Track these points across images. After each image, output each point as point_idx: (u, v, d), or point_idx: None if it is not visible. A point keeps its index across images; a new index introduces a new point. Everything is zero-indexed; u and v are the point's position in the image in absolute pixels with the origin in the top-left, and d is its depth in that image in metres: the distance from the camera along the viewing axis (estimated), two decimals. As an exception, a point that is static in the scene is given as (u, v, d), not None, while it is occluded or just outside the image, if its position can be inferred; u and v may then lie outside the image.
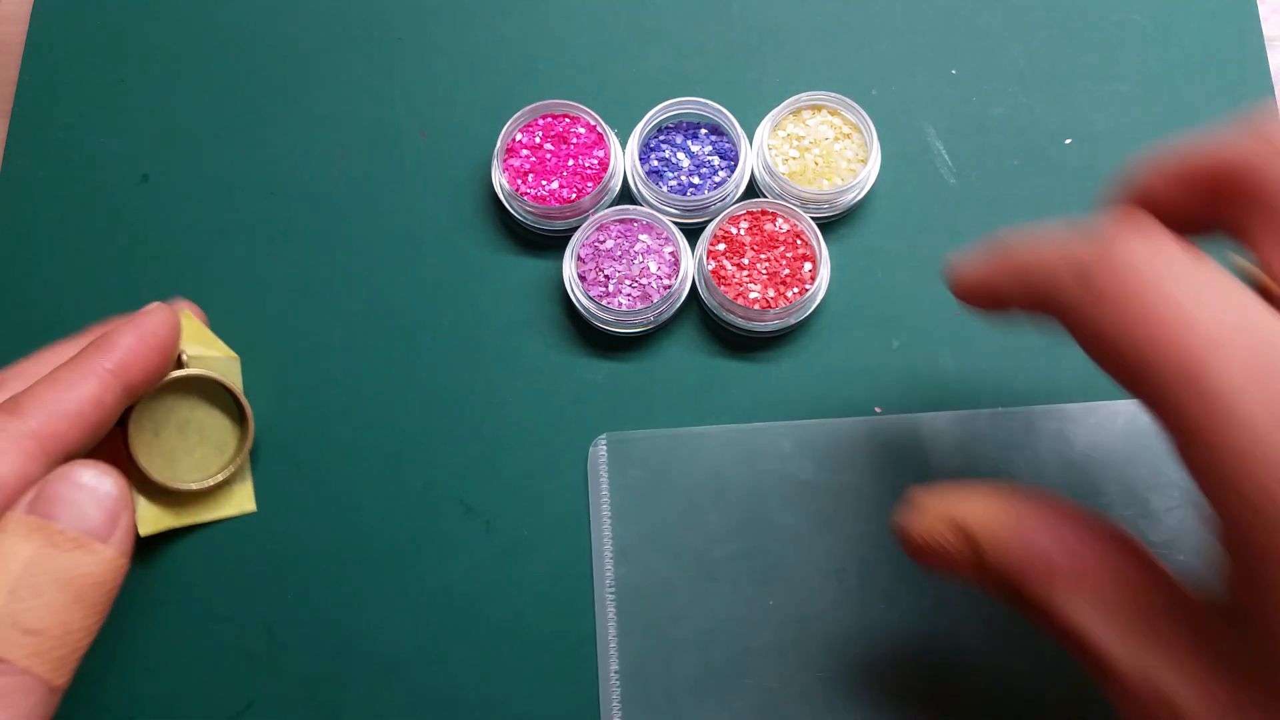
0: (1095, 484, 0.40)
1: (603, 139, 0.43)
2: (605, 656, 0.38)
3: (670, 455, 0.40)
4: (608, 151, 0.43)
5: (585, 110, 0.43)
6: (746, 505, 0.40)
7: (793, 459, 0.40)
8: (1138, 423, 0.40)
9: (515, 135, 0.44)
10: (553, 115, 0.44)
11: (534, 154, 0.44)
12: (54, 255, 0.44)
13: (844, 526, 0.39)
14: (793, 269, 0.42)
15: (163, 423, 0.39)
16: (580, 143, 0.44)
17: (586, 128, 0.44)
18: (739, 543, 0.39)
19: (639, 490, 0.40)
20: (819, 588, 0.39)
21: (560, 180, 0.43)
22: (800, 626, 0.38)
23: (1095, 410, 0.40)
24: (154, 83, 0.47)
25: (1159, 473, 0.40)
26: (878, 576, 0.39)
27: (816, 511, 0.39)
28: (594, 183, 0.43)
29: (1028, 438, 0.40)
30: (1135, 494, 0.39)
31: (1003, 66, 0.46)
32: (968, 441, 0.40)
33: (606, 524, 0.40)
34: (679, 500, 0.40)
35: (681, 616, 0.39)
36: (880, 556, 0.39)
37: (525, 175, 0.43)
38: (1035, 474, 0.40)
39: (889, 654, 0.38)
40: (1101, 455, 0.40)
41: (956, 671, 0.38)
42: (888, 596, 0.38)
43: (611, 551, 0.39)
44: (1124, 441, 0.40)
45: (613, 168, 0.43)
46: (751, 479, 0.40)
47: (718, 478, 0.40)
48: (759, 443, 0.40)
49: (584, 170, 0.43)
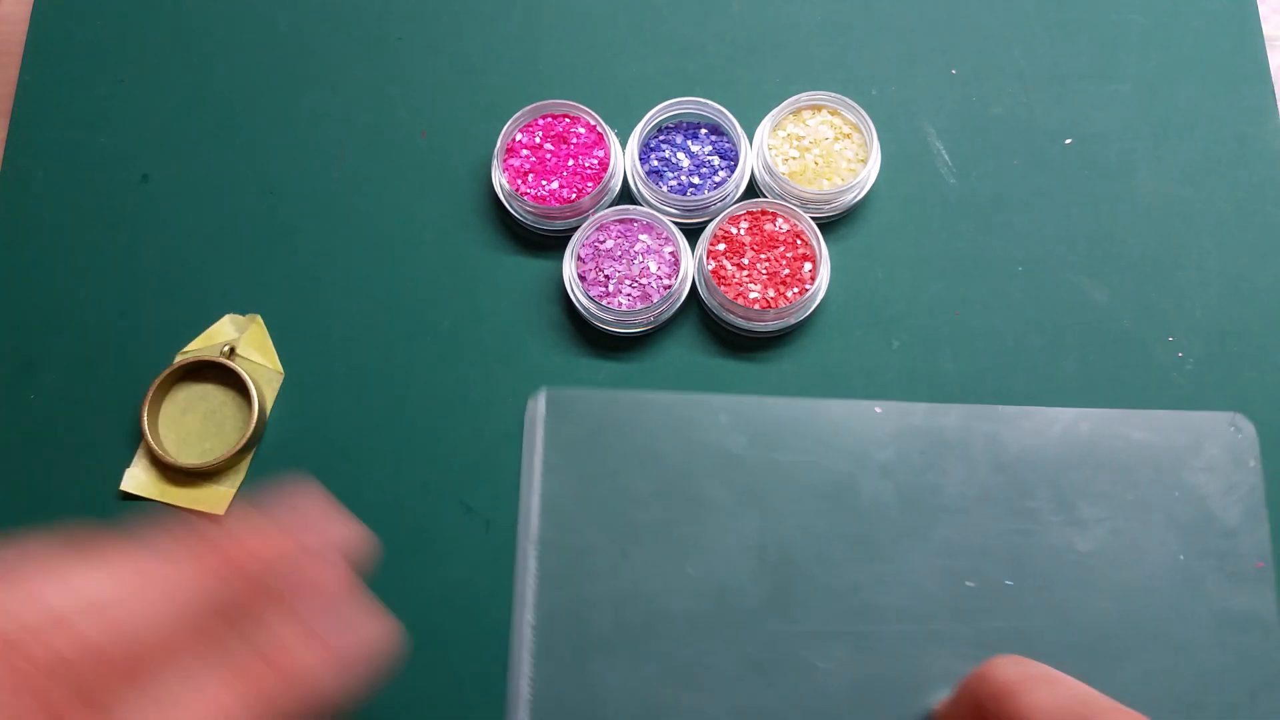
0: (1025, 488, 0.40)
1: (603, 139, 0.43)
2: (521, 607, 0.39)
3: (607, 416, 0.41)
4: (608, 151, 0.43)
5: (585, 110, 0.43)
6: (677, 474, 0.40)
7: (727, 432, 0.40)
8: (1075, 431, 0.40)
9: (515, 135, 0.44)
10: (553, 115, 0.44)
11: (534, 154, 0.44)
12: (54, 255, 0.44)
13: (770, 504, 0.40)
14: (793, 269, 0.42)
15: (194, 406, 0.42)
16: (580, 143, 0.43)
17: (586, 128, 0.44)
18: (665, 510, 0.39)
19: (573, 448, 0.40)
20: (738, 561, 0.39)
21: (560, 180, 0.43)
22: (716, 598, 0.38)
23: (1032, 415, 0.41)
24: (154, 83, 0.47)
25: (1092, 483, 0.40)
26: (798, 556, 0.39)
27: (745, 487, 0.40)
28: (594, 183, 0.43)
29: (962, 435, 0.40)
30: (1065, 501, 0.40)
31: (1003, 66, 0.46)
32: (902, 432, 0.40)
33: (537, 478, 0.40)
34: (611, 462, 0.40)
35: (600, 576, 0.39)
36: (802, 536, 0.39)
37: (525, 175, 0.43)
38: (967, 472, 0.40)
39: (802, 632, 0.38)
40: (1035, 460, 0.40)
41: (868, 653, 0.38)
42: (806, 577, 0.39)
43: (539, 506, 0.40)
44: (1059, 449, 0.40)
45: (613, 168, 0.43)
46: (685, 448, 0.40)
47: (652, 444, 0.40)
48: (696, 413, 0.41)
49: (584, 170, 0.43)
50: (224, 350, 0.42)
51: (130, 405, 0.42)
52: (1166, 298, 0.43)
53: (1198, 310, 0.43)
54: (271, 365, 0.43)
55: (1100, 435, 0.40)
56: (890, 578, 0.38)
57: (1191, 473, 0.40)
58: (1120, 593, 0.38)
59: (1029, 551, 0.39)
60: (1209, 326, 0.42)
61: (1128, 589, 0.38)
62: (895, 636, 0.38)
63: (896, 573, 0.39)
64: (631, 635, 0.38)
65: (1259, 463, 0.40)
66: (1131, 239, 0.44)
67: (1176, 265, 0.43)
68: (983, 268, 0.43)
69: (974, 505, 0.39)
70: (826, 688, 0.37)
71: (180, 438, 0.42)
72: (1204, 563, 0.39)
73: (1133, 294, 0.43)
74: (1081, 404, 0.41)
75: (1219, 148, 0.45)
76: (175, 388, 0.42)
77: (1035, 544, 0.39)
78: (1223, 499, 0.39)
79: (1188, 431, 0.40)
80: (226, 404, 0.42)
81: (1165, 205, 0.44)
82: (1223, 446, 0.40)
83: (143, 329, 0.43)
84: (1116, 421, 0.40)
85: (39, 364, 0.43)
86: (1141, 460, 0.40)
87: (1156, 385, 0.41)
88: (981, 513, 0.39)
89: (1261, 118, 0.45)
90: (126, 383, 0.42)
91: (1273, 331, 0.42)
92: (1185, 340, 0.42)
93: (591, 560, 0.39)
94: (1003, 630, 0.38)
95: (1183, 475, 0.40)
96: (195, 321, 0.43)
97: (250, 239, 0.44)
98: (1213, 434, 0.40)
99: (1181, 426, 0.40)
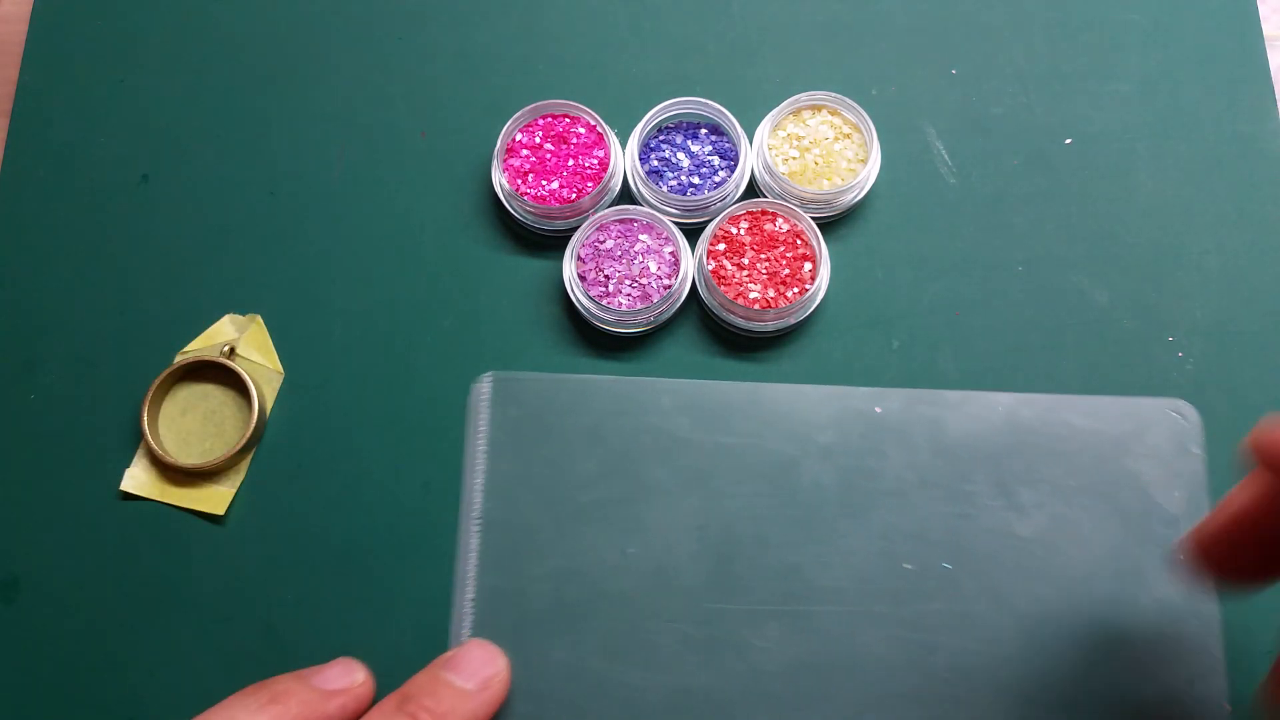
0: (964, 472, 0.40)
1: (603, 139, 0.43)
2: (463, 584, 0.39)
3: (552, 399, 0.41)
4: (608, 151, 0.43)
5: (585, 110, 0.43)
6: (620, 455, 0.40)
7: (671, 415, 0.41)
8: (1016, 416, 0.40)
9: (515, 135, 0.44)
10: (553, 115, 0.44)
11: (534, 154, 0.44)
12: (54, 255, 0.44)
13: (712, 485, 0.40)
14: (793, 269, 0.42)
15: (193, 406, 0.42)
16: (580, 143, 0.44)
17: (586, 128, 0.44)
18: (607, 490, 0.40)
19: (517, 430, 0.41)
20: (678, 542, 0.39)
21: (560, 180, 0.43)
22: (655, 577, 0.38)
23: (974, 400, 0.41)
24: (154, 83, 0.47)
25: (1033, 468, 0.40)
26: (739, 536, 0.39)
27: (687, 468, 0.40)
28: (594, 183, 0.43)
29: (903, 419, 0.40)
30: (1005, 486, 0.40)
31: (1003, 66, 0.46)
32: (842, 416, 0.41)
33: (481, 459, 0.40)
34: (555, 444, 0.40)
35: (541, 554, 0.39)
36: (743, 518, 0.39)
37: (525, 175, 0.43)
38: (907, 456, 0.40)
39: (741, 611, 0.38)
40: (975, 444, 0.40)
41: (806, 633, 0.38)
42: (746, 557, 0.39)
43: (482, 486, 0.40)
44: (1000, 434, 0.40)
45: (613, 168, 0.43)
46: (629, 430, 0.40)
47: (596, 426, 0.41)
48: (640, 396, 0.41)
49: (584, 170, 0.43)
50: (224, 350, 0.42)
51: (130, 405, 0.42)
52: (1166, 298, 0.43)
53: (1198, 310, 0.43)
54: (271, 365, 0.43)
55: (1042, 420, 0.40)
56: (829, 559, 0.39)
57: (1134, 459, 0.40)
58: (1059, 578, 0.38)
59: (968, 535, 0.39)
60: (1209, 326, 0.42)
61: (1067, 574, 0.39)
62: (833, 617, 0.38)
63: (835, 554, 0.39)
64: (571, 613, 0.38)
65: (1203, 450, 0.40)
66: (1131, 239, 0.44)
67: (1176, 265, 0.43)
68: (983, 268, 0.43)
69: (913, 489, 0.40)
70: (764, 666, 0.38)
71: (180, 438, 0.42)
72: (1145, 549, 0.39)
73: (1133, 294, 0.43)
74: (959, 391, 0.41)
75: (1219, 148, 0.45)
76: (175, 388, 0.42)
77: (974, 528, 0.39)
78: (1165, 486, 0.40)
79: (1131, 418, 0.40)
80: (226, 404, 0.42)
81: (1165, 205, 0.44)
82: (1167, 433, 0.40)
83: (143, 329, 0.43)
84: (1059, 407, 0.41)
85: (39, 364, 0.43)
86: (1083, 446, 0.40)
87: (1157, 385, 0.41)
88: (921, 496, 0.40)
89: (1261, 118, 0.45)
90: (126, 383, 0.42)
91: (1273, 331, 0.42)
92: (1185, 340, 0.42)
93: (533, 539, 0.39)
94: (940, 612, 0.38)
95: (1125, 462, 0.40)
96: (195, 321, 0.43)
97: (250, 239, 0.44)
98: (1156, 421, 0.40)
99: (1125, 413, 0.40)
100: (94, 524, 0.41)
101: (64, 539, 0.41)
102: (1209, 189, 0.44)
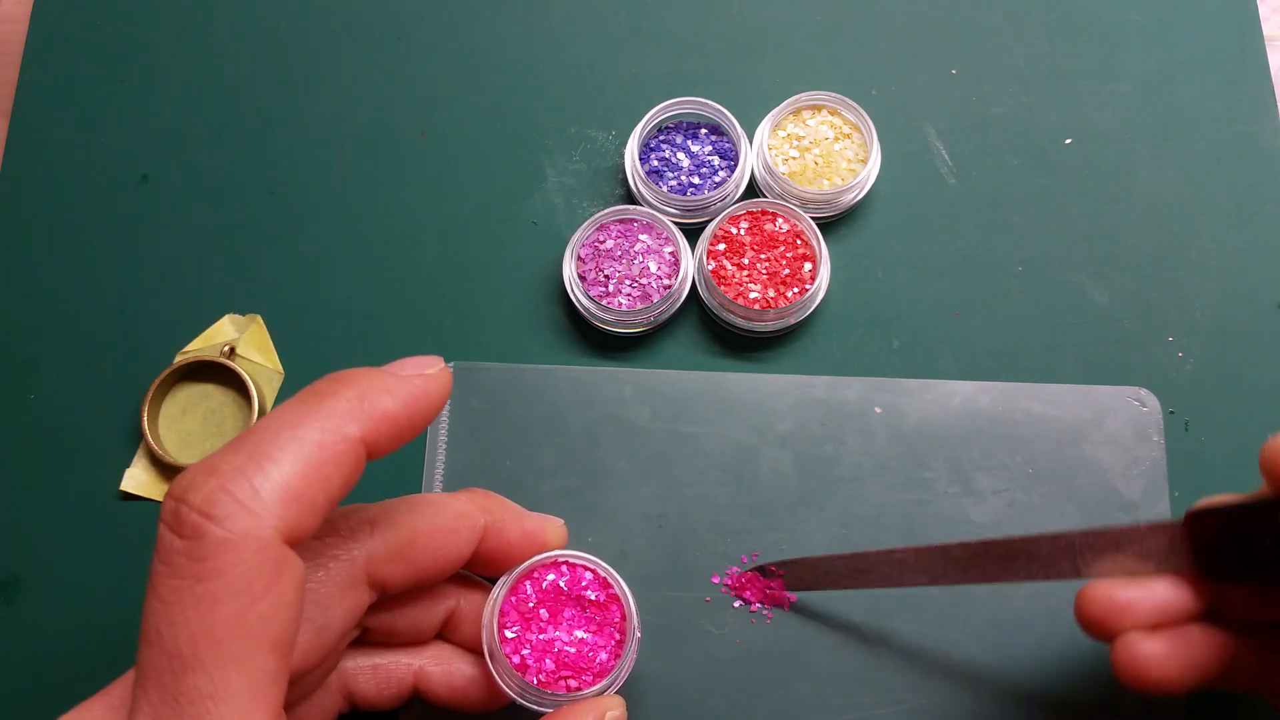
0: (922, 459, 0.40)
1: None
2: None
3: (512, 389, 0.41)
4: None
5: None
6: (580, 445, 0.40)
7: (631, 405, 0.41)
8: (974, 404, 0.41)
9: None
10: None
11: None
12: (54, 255, 0.44)
13: (671, 475, 0.40)
14: (793, 269, 0.42)
15: (194, 405, 0.42)
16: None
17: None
18: (567, 480, 0.40)
19: (477, 420, 0.41)
20: (637, 530, 0.39)
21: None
22: (614, 565, 0.38)
23: (931, 387, 0.41)
24: (154, 83, 0.47)
25: (990, 455, 0.40)
26: (695, 525, 0.39)
27: (647, 458, 0.40)
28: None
29: (861, 407, 0.41)
30: (962, 473, 0.40)
31: (1003, 66, 0.46)
32: (801, 405, 0.41)
33: (441, 449, 0.40)
34: (515, 433, 0.41)
35: None
36: (702, 506, 0.40)
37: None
38: (865, 443, 0.40)
39: (698, 599, 0.39)
40: (933, 432, 0.40)
41: (759, 621, 0.38)
42: (703, 544, 0.39)
43: (442, 477, 0.40)
44: (958, 421, 0.40)
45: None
46: (589, 420, 0.41)
47: (556, 416, 0.41)
48: (602, 386, 0.41)
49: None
50: (224, 350, 0.42)
51: (130, 405, 0.42)
52: (1166, 298, 0.43)
53: (1198, 310, 0.43)
54: (271, 365, 0.43)
55: (1000, 408, 0.40)
56: (786, 546, 0.39)
57: (1093, 446, 0.40)
58: None
59: (924, 521, 0.39)
60: (1209, 326, 0.42)
61: None
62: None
63: (793, 541, 0.39)
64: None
65: (1163, 437, 0.40)
66: (1131, 239, 0.44)
67: (1176, 265, 0.43)
68: (983, 268, 0.43)
69: (870, 476, 0.40)
70: (719, 654, 0.38)
71: (180, 438, 0.42)
72: None
73: (1133, 294, 0.43)
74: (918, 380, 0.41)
75: (1219, 148, 0.45)
76: (175, 388, 0.42)
77: (930, 514, 0.39)
78: (1124, 473, 0.40)
79: (1090, 405, 0.40)
80: (226, 404, 0.42)
81: (1165, 205, 0.44)
82: (1126, 420, 0.40)
83: (143, 329, 0.43)
84: (1017, 394, 0.41)
85: (39, 364, 0.43)
86: (1041, 433, 0.40)
87: (1156, 385, 0.41)
88: (878, 483, 0.40)
89: (1261, 118, 0.45)
90: (126, 383, 0.42)
91: (1273, 331, 0.42)
92: (1185, 340, 0.42)
93: None
94: (895, 598, 0.38)
95: (1084, 448, 0.40)
96: (195, 321, 0.43)
97: (250, 239, 0.44)
98: (1115, 408, 0.40)
99: (1084, 400, 0.40)
100: (94, 524, 0.41)
101: (64, 539, 0.41)
102: (1209, 189, 0.44)
